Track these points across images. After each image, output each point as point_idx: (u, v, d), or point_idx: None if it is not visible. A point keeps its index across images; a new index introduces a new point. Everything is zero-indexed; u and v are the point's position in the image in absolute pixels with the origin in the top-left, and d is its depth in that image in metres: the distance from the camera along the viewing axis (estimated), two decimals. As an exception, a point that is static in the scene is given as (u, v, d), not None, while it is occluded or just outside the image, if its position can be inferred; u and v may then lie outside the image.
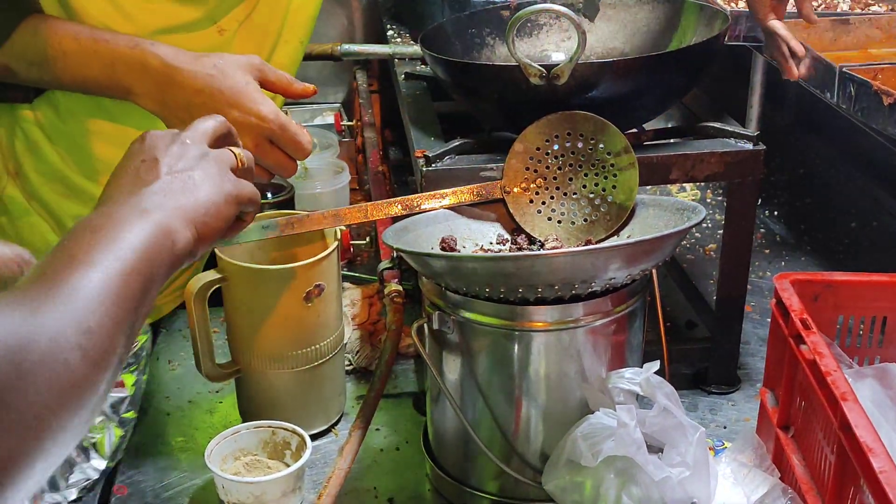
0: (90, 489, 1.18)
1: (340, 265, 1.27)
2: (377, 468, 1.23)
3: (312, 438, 1.20)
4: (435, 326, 1.11)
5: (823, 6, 1.56)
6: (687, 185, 1.94)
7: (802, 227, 1.83)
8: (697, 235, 1.79)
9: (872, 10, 1.55)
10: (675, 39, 1.38)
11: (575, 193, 1.21)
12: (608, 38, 1.45)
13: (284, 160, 1.17)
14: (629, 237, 1.18)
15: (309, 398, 1.26)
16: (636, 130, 1.29)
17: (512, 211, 1.21)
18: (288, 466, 1.16)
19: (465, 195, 1.20)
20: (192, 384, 1.39)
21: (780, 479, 1.07)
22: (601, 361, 1.09)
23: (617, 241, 1.18)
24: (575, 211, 1.21)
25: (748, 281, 1.32)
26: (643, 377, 1.05)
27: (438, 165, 1.21)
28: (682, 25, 1.38)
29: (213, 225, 0.86)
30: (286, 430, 1.19)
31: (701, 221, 1.09)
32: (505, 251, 1.20)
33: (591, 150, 1.19)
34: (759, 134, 1.24)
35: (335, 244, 1.23)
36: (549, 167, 1.20)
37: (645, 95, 1.23)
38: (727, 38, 1.32)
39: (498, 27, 1.43)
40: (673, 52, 1.30)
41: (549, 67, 1.16)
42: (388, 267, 1.29)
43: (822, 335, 1.03)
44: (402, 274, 1.28)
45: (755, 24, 1.40)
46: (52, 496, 1.14)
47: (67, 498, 1.16)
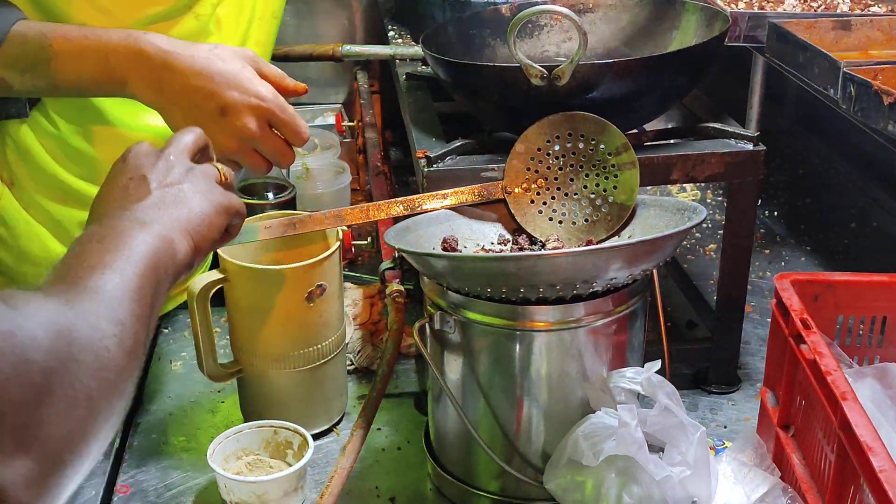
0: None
1: (342, 265, 1.27)
2: (379, 468, 1.23)
3: (314, 438, 1.20)
4: (436, 326, 1.11)
5: (823, 7, 1.56)
6: (687, 185, 1.94)
7: (802, 227, 1.83)
8: (698, 236, 1.79)
9: (872, 10, 1.55)
10: (675, 40, 1.38)
11: (576, 194, 1.21)
12: (609, 38, 1.45)
13: (283, 146, 1.17)
14: (630, 237, 1.18)
15: (311, 398, 1.26)
16: (637, 131, 1.29)
17: (513, 211, 1.22)
18: (290, 466, 1.16)
19: (466, 195, 1.21)
20: (194, 384, 1.39)
21: (780, 478, 1.07)
22: (602, 361, 1.09)
23: (618, 241, 1.18)
24: (576, 211, 1.21)
25: (748, 281, 1.32)
26: (644, 377, 1.05)
27: (440, 166, 1.21)
28: (682, 26, 1.38)
29: (207, 235, 0.88)
30: (288, 429, 1.19)
31: (701, 222, 1.09)
32: (506, 251, 1.20)
33: (591, 150, 1.19)
34: (759, 134, 1.25)
35: (337, 244, 1.23)
36: (550, 167, 1.21)
37: (646, 96, 1.23)
38: (727, 38, 1.33)
39: (499, 28, 1.43)
40: (673, 52, 1.30)
41: (550, 68, 1.16)
42: (389, 267, 1.30)
43: (822, 335, 1.03)
44: (403, 274, 1.28)
45: (755, 24, 1.40)
46: None
47: None
